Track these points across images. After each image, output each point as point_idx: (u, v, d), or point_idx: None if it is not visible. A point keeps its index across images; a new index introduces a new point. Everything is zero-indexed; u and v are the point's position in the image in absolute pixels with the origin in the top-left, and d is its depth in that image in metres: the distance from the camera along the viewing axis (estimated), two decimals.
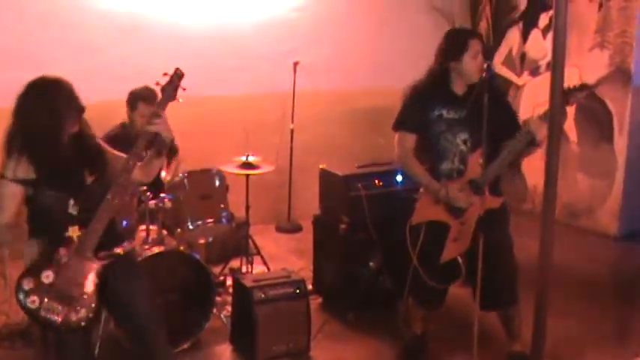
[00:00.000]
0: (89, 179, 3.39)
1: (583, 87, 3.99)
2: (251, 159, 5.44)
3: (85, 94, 3.53)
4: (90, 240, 3.26)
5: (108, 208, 3.27)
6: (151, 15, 6.61)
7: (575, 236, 7.05)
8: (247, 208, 5.61)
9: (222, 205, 5.08)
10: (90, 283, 3.27)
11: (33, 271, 3.26)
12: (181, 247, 4.69)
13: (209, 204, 5.03)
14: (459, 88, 4.15)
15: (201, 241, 5.24)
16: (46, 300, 3.22)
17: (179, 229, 4.93)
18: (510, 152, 4.04)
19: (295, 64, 7.09)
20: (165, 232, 4.80)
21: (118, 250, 3.42)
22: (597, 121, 7.14)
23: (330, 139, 7.49)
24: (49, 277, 3.24)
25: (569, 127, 7.31)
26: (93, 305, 3.28)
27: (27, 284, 3.24)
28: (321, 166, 5.42)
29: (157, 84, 3.47)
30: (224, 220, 5.06)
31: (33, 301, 3.23)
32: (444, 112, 4.11)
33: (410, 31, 7.87)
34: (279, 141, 7.15)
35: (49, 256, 3.27)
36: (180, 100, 3.48)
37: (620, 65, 6.89)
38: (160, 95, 3.47)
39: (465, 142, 4.10)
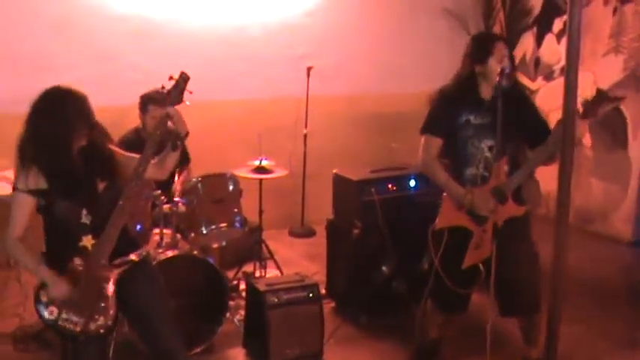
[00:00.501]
0: (100, 187, 3.39)
1: (611, 99, 3.99)
2: (264, 163, 5.45)
3: (98, 98, 3.55)
4: (104, 248, 3.26)
5: (120, 215, 3.27)
6: (163, 20, 6.64)
7: (589, 241, 7.02)
8: (260, 212, 5.62)
9: (235, 210, 5.08)
10: (107, 291, 3.28)
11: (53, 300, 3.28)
12: (195, 251, 4.71)
13: (222, 208, 5.03)
14: (486, 93, 4.12)
15: (215, 245, 5.24)
16: (64, 310, 3.23)
17: (193, 234, 4.94)
18: (536, 160, 4.07)
19: (309, 68, 7.09)
20: (179, 236, 4.82)
21: (133, 256, 3.43)
22: (611, 126, 7.11)
23: (344, 144, 7.49)
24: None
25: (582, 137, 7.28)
26: (111, 312, 3.29)
27: (44, 295, 3.25)
28: (334, 171, 5.42)
29: (163, 87, 3.48)
30: (237, 224, 5.06)
31: (51, 312, 3.24)
32: (472, 118, 4.09)
33: (423, 36, 7.87)
34: (292, 146, 7.15)
35: (65, 266, 3.27)
36: (187, 102, 3.48)
37: (634, 70, 6.86)
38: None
39: (490, 148, 4.07)
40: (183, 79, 3.45)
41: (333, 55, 7.45)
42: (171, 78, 3.45)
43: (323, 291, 5.19)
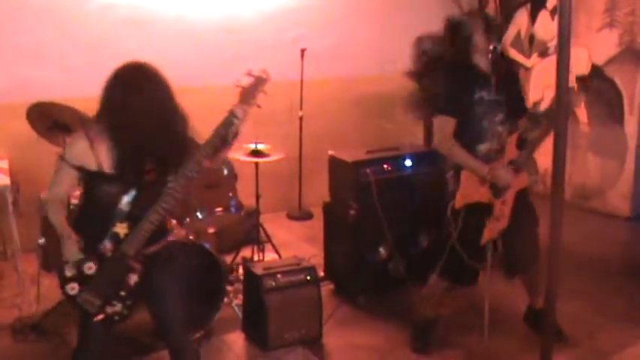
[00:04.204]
0: (150, 176, 3.28)
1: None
2: (260, 147, 5.43)
3: (90, 87, 3.49)
4: (135, 241, 3.20)
5: (159, 213, 3.20)
6: (155, 6, 6.58)
7: (587, 218, 7.05)
8: (257, 196, 5.61)
9: (230, 194, 5.07)
10: (130, 281, 3.24)
11: (76, 260, 3.22)
12: (191, 237, 4.70)
13: (218, 193, 5.01)
14: (485, 69, 4.21)
15: (211, 230, 5.23)
16: (84, 290, 3.19)
17: (188, 219, 4.92)
18: (545, 135, 4.17)
19: (302, 51, 7.07)
20: (174, 221, 4.80)
21: (156, 247, 3.37)
22: (607, 102, 7.09)
23: (339, 126, 7.48)
24: (91, 269, 3.20)
25: (580, 107, 7.27)
26: (129, 303, 3.26)
27: (69, 271, 3.19)
28: (329, 153, 5.41)
29: (238, 85, 3.38)
30: (233, 209, 5.05)
31: (72, 288, 3.19)
32: (484, 94, 4.17)
33: (418, 16, 7.80)
34: (288, 129, 7.14)
35: (94, 247, 3.22)
36: (259, 106, 3.36)
37: (629, 45, 6.83)
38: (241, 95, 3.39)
39: (502, 122, 4.21)
40: (262, 80, 3.31)
41: (326, 37, 7.41)
42: (249, 74, 3.33)
43: (321, 273, 5.20)
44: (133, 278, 3.25)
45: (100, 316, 3.23)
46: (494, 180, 4.09)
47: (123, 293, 3.25)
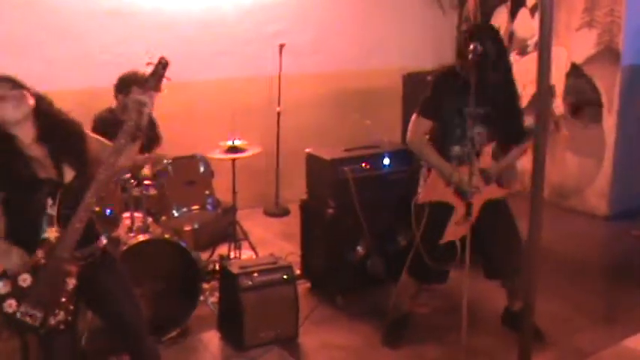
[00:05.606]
0: (69, 177, 3.20)
1: None
2: (237, 143, 5.37)
3: (69, 80, 3.41)
4: (68, 241, 3.10)
5: (87, 208, 3.11)
6: (134, 0, 6.50)
7: (565, 216, 7.06)
8: (234, 193, 5.55)
9: (207, 192, 5.02)
10: (68, 286, 3.14)
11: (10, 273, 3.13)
12: (167, 235, 4.64)
13: (194, 190, 4.96)
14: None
15: (187, 227, 5.18)
16: (23, 304, 3.09)
17: (164, 217, 4.87)
18: (521, 151, 4.27)
19: (281, 46, 7.02)
20: (150, 219, 4.75)
21: (94, 248, 3.29)
22: (586, 101, 7.10)
23: (317, 122, 7.44)
24: (27, 281, 3.09)
25: (558, 106, 7.28)
26: (71, 308, 3.16)
27: (3, 288, 3.10)
28: (307, 150, 5.36)
29: (136, 73, 3.29)
30: (209, 206, 5.00)
31: (10, 305, 3.09)
32: (464, 107, 4.12)
33: (397, 12, 7.81)
34: (265, 124, 7.09)
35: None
36: (165, 91, 3.31)
37: (608, 44, 6.83)
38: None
39: (479, 134, 4.19)
40: (162, 65, 3.23)
41: (305, 32, 7.38)
42: (149, 63, 3.28)
43: (298, 271, 5.15)
44: (72, 282, 3.14)
45: (45, 329, 3.13)
46: (457, 182, 4.08)
47: (63, 299, 3.14)
